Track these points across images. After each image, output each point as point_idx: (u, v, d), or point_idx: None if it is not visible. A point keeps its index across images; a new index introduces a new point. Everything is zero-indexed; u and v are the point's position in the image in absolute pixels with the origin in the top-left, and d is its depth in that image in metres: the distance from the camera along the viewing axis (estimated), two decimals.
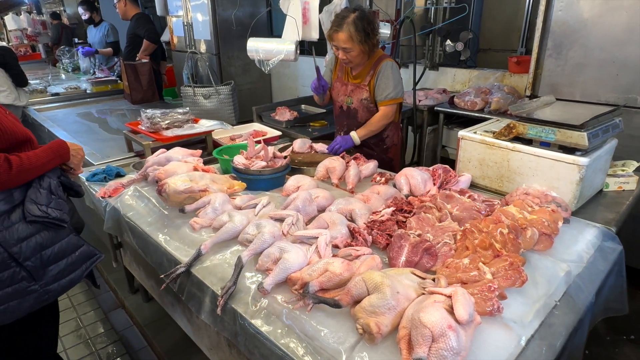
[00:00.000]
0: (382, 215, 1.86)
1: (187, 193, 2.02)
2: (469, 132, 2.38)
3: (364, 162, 2.60)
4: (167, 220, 2.03)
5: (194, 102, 3.83)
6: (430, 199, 2.07)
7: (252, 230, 1.74)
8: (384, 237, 1.75)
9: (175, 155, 2.43)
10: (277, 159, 2.51)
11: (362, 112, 2.96)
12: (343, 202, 2.00)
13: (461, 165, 2.44)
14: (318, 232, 1.67)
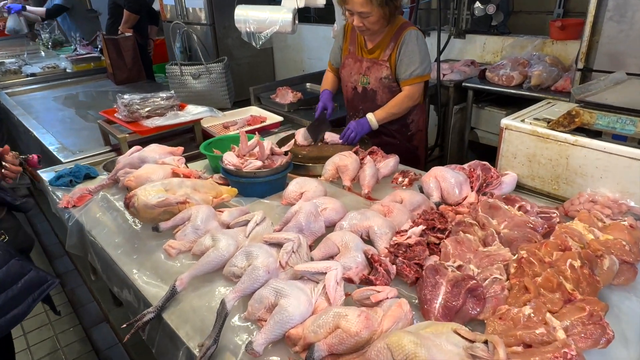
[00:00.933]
0: (408, 236, 1.52)
1: (161, 207, 1.69)
2: (515, 120, 2.00)
3: (383, 158, 2.24)
4: (138, 241, 1.72)
5: (181, 83, 3.48)
6: (468, 210, 1.72)
7: (241, 261, 1.42)
8: (413, 268, 1.41)
9: (151, 154, 2.10)
10: (275, 156, 2.17)
11: (383, 93, 2.59)
12: (358, 216, 1.66)
13: (504, 161, 2.07)
14: (326, 266, 1.34)
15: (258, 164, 2.04)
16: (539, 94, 3.33)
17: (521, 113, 2.10)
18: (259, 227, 1.64)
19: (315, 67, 5.55)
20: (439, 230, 1.58)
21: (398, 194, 1.88)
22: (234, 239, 1.55)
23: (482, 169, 2.01)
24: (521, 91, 3.43)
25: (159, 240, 1.68)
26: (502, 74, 3.55)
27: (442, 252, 1.49)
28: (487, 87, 3.63)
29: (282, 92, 3.40)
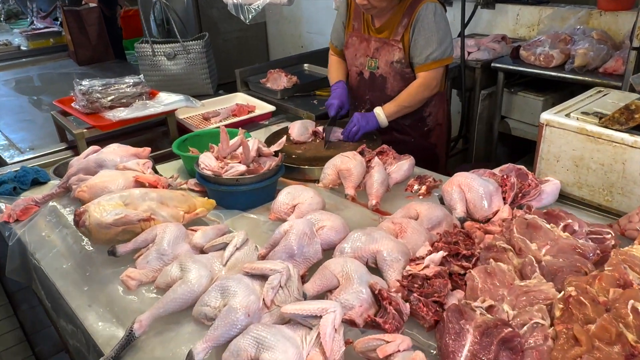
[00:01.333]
0: (425, 265, 1.40)
1: (119, 226, 1.58)
2: (558, 115, 1.88)
3: (395, 160, 2.12)
4: (91, 267, 1.62)
5: (153, 65, 3.37)
6: (501, 229, 1.60)
7: (215, 299, 1.31)
8: (431, 308, 1.30)
9: (110, 157, 1.99)
10: (263, 158, 2.05)
11: (394, 80, 2.46)
12: (363, 237, 1.54)
13: (544, 165, 1.95)
14: (321, 308, 1.22)
15: (241, 169, 1.92)
16: (585, 77, 3.20)
17: (566, 105, 1.96)
18: (239, 252, 1.53)
19: (316, 44, 5.41)
20: (464, 257, 1.46)
21: (413, 206, 1.76)
22: (207, 268, 1.44)
23: (517, 174, 1.88)
24: (562, 73, 3.29)
25: (116, 268, 1.57)
26: (539, 53, 3.41)
27: (468, 287, 1.37)
28: (521, 68, 3.49)
29: (274, 76, 3.27)
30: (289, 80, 3.22)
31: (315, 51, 4.01)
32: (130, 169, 1.92)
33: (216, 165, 1.97)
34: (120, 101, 2.69)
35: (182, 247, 1.57)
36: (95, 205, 1.60)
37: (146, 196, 1.69)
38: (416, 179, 2.06)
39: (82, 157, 2.05)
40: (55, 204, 1.96)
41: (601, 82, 3.11)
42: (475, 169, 1.93)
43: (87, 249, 1.70)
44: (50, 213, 1.92)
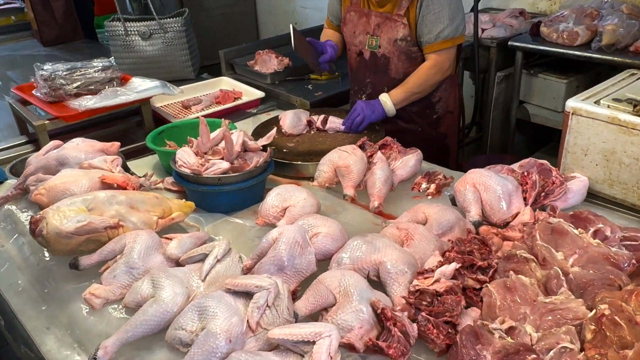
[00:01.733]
0: (436, 279, 1.34)
1: (81, 235, 1.52)
2: (586, 102, 1.82)
3: (400, 154, 2.06)
4: (51, 283, 1.55)
5: (126, 46, 3.30)
6: (521, 235, 1.54)
7: (192, 321, 1.25)
8: (442, 330, 1.25)
9: (74, 153, 1.93)
10: (250, 153, 1.99)
11: (398, 61, 2.41)
12: (363, 246, 1.49)
13: (570, 159, 1.90)
14: (315, 333, 1.17)
15: (224, 166, 1.86)
16: (614, 57, 3.13)
17: (594, 90, 1.90)
18: (220, 264, 1.47)
19: (311, 20, 5.33)
20: (480, 270, 1.40)
21: (421, 209, 1.70)
22: (183, 284, 1.38)
23: (539, 170, 1.82)
24: (588, 53, 3.21)
25: (78, 283, 1.52)
26: (562, 30, 3.33)
27: (485, 304, 1.31)
28: (541, 47, 3.41)
29: (264, 57, 3.20)
30: (280, 62, 3.14)
31: (311, 29, 3.91)
32: (96, 167, 1.86)
33: (195, 162, 1.91)
34: (87, 88, 2.62)
35: (155, 259, 1.50)
36: (54, 211, 1.53)
37: (113, 199, 1.62)
38: (424, 176, 2.00)
39: (42, 154, 1.99)
40: (11, 208, 1.89)
41: (633, 63, 3.05)
42: (492, 165, 1.87)
43: (46, 261, 1.64)
44: (5, 219, 1.86)
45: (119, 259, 1.50)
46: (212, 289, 1.40)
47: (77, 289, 1.50)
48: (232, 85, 3.09)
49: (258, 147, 2.01)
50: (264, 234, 1.74)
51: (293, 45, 2.40)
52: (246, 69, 3.30)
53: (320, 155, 2.17)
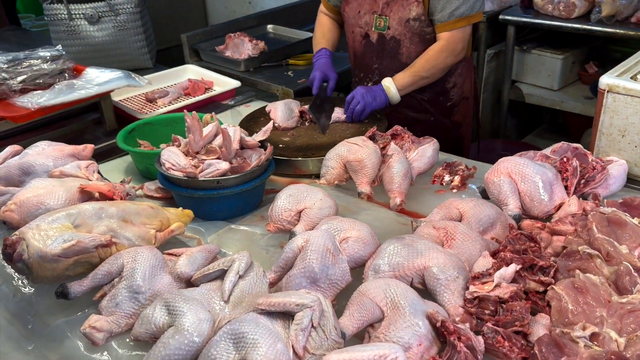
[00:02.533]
0: (496, 284, 1.30)
1: (69, 257, 1.40)
2: (623, 79, 1.82)
3: (414, 145, 2.02)
4: (34, 317, 1.44)
5: (71, 32, 3.15)
6: (574, 228, 1.52)
7: (227, 353, 1.17)
8: (515, 342, 1.20)
9: (40, 160, 1.80)
10: (248, 150, 1.91)
11: (410, 43, 2.37)
12: (402, 250, 1.44)
13: (605, 141, 1.91)
14: (378, 355, 1.10)
15: (223, 167, 1.77)
16: (615, 29, 3.21)
17: (626, 66, 1.92)
18: (243, 281, 1.38)
19: None
20: (542, 269, 1.37)
21: (453, 204, 1.67)
22: (204, 308, 1.28)
23: (575, 155, 1.82)
24: (588, 25, 3.28)
25: (69, 315, 1.42)
26: (558, 1, 3.39)
27: (555, 309, 1.29)
28: (536, 20, 3.47)
29: (235, 42, 3.10)
30: (255, 46, 3.05)
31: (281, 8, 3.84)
32: (69, 175, 1.73)
33: (187, 163, 1.81)
34: (34, 82, 2.46)
35: (162, 280, 1.41)
36: (34, 230, 1.40)
37: (102, 213, 1.51)
38: (445, 168, 1.97)
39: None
40: None
41: (636, 35, 3.13)
42: (523, 152, 1.86)
43: (23, 291, 1.50)
44: None
45: (118, 283, 1.40)
46: (239, 310, 1.32)
47: (69, 323, 1.39)
48: (200, 74, 2.97)
49: (256, 143, 1.93)
50: (277, 242, 1.70)
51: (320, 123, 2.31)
52: (215, 55, 3.19)
53: (320, 149, 2.12)
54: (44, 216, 1.47)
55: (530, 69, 3.76)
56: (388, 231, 1.68)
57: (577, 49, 3.70)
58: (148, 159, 2.07)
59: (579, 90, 3.71)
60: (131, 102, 2.76)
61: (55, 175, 1.73)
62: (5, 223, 1.62)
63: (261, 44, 3.08)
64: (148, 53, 3.26)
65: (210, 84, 2.89)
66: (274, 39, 3.42)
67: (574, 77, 3.79)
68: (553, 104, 3.68)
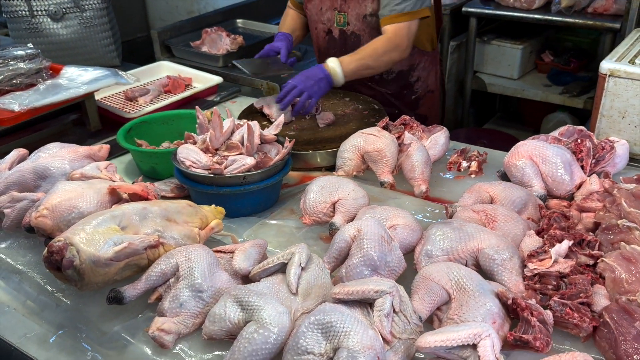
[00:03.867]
0: (554, 260, 1.37)
1: (121, 260, 1.36)
2: (623, 64, 1.95)
3: (425, 133, 2.08)
4: (85, 326, 1.38)
5: (33, 30, 2.99)
6: (602, 205, 1.62)
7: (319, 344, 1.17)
8: (585, 313, 1.28)
9: (57, 163, 1.72)
10: (266, 145, 1.90)
11: (369, 38, 2.39)
12: (451, 234, 1.49)
13: (606, 123, 2.03)
14: (472, 334, 1.14)
15: (249, 162, 1.75)
16: (575, 20, 3.40)
17: (620, 52, 2.05)
18: (307, 273, 1.38)
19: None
20: (589, 244, 1.45)
21: (482, 188, 1.73)
22: (279, 301, 1.28)
23: (582, 137, 1.93)
24: (549, 15, 3.46)
25: (125, 321, 1.37)
26: None
27: (609, 280, 1.37)
28: (499, 12, 3.62)
29: (212, 37, 3.05)
30: (233, 41, 3.01)
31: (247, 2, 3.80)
32: (91, 176, 1.66)
33: (208, 160, 1.78)
34: (10, 82, 2.34)
35: (221, 277, 1.39)
36: (81, 234, 1.35)
37: (147, 213, 1.47)
38: (459, 154, 2.03)
39: (5, 167, 1.74)
40: None
41: (594, 25, 3.33)
42: (536, 135, 1.95)
43: (65, 302, 1.44)
44: None
45: (176, 284, 1.36)
46: (310, 302, 1.33)
47: (128, 328, 1.35)
48: (176, 70, 2.91)
49: (274, 137, 1.92)
50: (315, 235, 1.71)
51: (250, 73, 2.34)
52: (189, 51, 3.12)
53: (327, 142, 2.14)
54: (87, 219, 1.41)
55: (491, 59, 3.91)
56: (422, 217, 1.73)
57: (533, 39, 3.89)
58: (155, 159, 2.02)
59: (537, 79, 3.91)
60: (110, 101, 2.66)
61: (75, 178, 1.66)
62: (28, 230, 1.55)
63: (239, 39, 3.05)
64: (115, 50, 3.15)
65: (189, 80, 2.83)
66: (245, 34, 3.38)
67: (531, 66, 3.98)
68: (514, 93, 3.85)
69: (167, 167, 2.00)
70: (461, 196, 1.74)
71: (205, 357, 1.27)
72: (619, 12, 3.26)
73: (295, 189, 2.00)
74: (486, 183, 1.76)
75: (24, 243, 1.63)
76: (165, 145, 2.14)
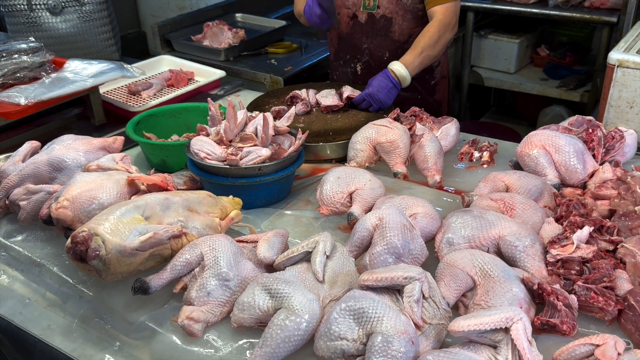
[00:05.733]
0: (576, 245, 1.39)
1: (146, 250, 1.35)
2: (631, 55, 1.97)
3: (435, 124, 2.09)
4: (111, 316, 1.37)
5: (32, 24, 2.96)
6: (617, 192, 1.64)
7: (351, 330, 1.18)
8: (610, 296, 1.30)
9: (72, 155, 1.71)
10: (279, 136, 1.90)
11: (403, 21, 2.40)
12: (472, 222, 1.50)
13: (614, 113, 2.06)
14: (505, 318, 1.15)
15: (264, 153, 1.75)
16: (573, 13, 3.43)
17: (626, 43, 2.07)
18: (331, 261, 1.39)
19: None
20: (609, 230, 1.48)
21: (498, 177, 1.75)
22: (307, 289, 1.29)
23: (592, 126, 1.95)
24: (546, 9, 3.49)
25: (151, 310, 1.37)
26: None
27: (630, 264, 1.39)
28: (496, 6, 3.64)
29: (214, 31, 3.04)
30: (235, 34, 3.01)
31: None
32: (107, 168, 1.65)
33: (223, 151, 1.77)
34: (14, 76, 2.31)
35: (246, 267, 1.39)
36: (107, 224, 1.34)
37: (169, 203, 1.46)
38: (471, 145, 2.05)
39: (18, 160, 1.72)
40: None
41: (590, 18, 3.37)
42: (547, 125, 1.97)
43: (87, 293, 1.43)
44: None
45: (201, 273, 1.36)
46: (337, 289, 1.34)
47: (155, 318, 1.34)
48: (178, 64, 2.89)
49: (287, 129, 1.92)
50: (333, 225, 1.72)
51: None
52: (190, 45, 3.12)
53: (337, 134, 2.14)
54: (110, 209, 1.40)
55: (488, 53, 3.94)
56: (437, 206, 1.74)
57: (529, 34, 3.93)
58: (166, 151, 2.01)
59: (533, 73, 3.94)
60: (114, 95, 2.65)
61: (92, 170, 1.65)
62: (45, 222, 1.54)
63: (241, 32, 3.04)
64: (114, 45, 3.13)
65: (191, 74, 2.82)
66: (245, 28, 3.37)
67: (527, 60, 4.01)
68: (511, 87, 3.88)
69: (177, 160, 2.00)
70: (476, 186, 1.76)
71: (235, 345, 1.27)
72: (615, 5, 3.30)
73: (307, 180, 2.01)
74: (501, 172, 1.77)
75: (40, 235, 1.62)
76: (174, 138, 2.13)
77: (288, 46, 3.15)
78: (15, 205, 1.62)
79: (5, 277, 1.55)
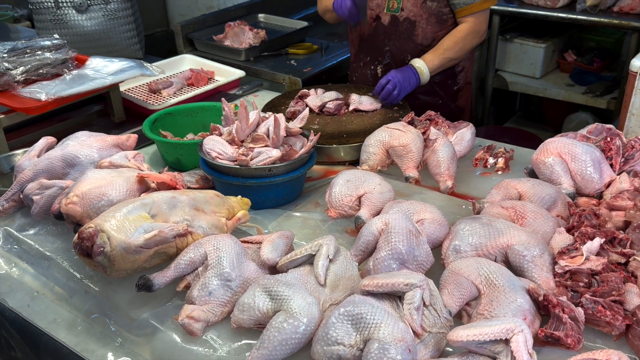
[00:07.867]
0: (586, 257, 1.36)
1: (151, 248, 1.36)
2: None
3: (451, 129, 2.07)
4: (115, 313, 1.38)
5: (58, 21, 3.02)
6: (633, 203, 1.60)
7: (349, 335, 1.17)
8: (617, 311, 1.26)
9: (85, 151, 1.73)
10: (291, 137, 1.90)
11: (427, 24, 2.39)
12: (480, 229, 1.47)
13: (635, 121, 2.02)
14: (506, 329, 1.13)
15: (275, 154, 1.75)
16: (600, 19, 3.36)
17: None
18: (334, 265, 1.38)
19: None
20: (621, 242, 1.44)
21: (511, 184, 1.72)
22: (308, 292, 1.28)
23: (611, 135, 1.91)
24: (574, 14, 3.42)
25: (156, 308, 1.37)
26: None
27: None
28: (523, 9, 3.59)
29: (235, 30, 3.06)
30: (256, 35, 3.02)
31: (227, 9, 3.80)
32: (119, 165, 1.67)
33: (234, 151, 1.78)
34: (37, 72, 2.36)
35: (249, 267, 1.39)
36: (111, 222, 1.35)
37: (175, 202, 1.47)
38: (486, 150, 2.02)
39: (34, 155, 1.76)
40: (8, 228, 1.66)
41: (619, 24, 3.30)
42: (564, 133, 1.93)
43: (93, 288, 1.44)
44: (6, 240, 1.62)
45: (205, 272, 1.37)
46: (338, 293, 1.33)
47: (157, 315, 1.35)
48: (199, 63, 2.92)
49: (299, 130, 1.92)
50: (340, 228, 1.71)
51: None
52: (212, 45, 3.14)
53: (352, 136, 2.13)
54: (117, 207, 1.42)
55: (513, 58, 3.88)
56: (448, 213, 1.71)
57: (556, 38, 3.86)
58: (180, 150, 2.03)
59: (559, 78, 3.87)
60: (134, 93, 2.68)
61: (104, 166, 1.67)
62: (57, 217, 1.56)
63: (262, 33, 3.05)
64: (138, 43, 3.16)
65: (212, 73, 2.84)
66: (267, 28, 3.38)
67: (553, 65, 3.95)
68: (537, 92, 3.82)
69: (191, 159, 2.01)
70: (488, 192, 1.73)
71: (233, 345, 1.27)
72: None
73: (319, 182, 2.00)
74: (514, 180, 1.74)
75: (52, 230, 1.64)
76: (189, 137, 2.15)
77: (309, 47, 3.14)
78: (29, 199, 1.65)
79: (16, 270, 1.57)
